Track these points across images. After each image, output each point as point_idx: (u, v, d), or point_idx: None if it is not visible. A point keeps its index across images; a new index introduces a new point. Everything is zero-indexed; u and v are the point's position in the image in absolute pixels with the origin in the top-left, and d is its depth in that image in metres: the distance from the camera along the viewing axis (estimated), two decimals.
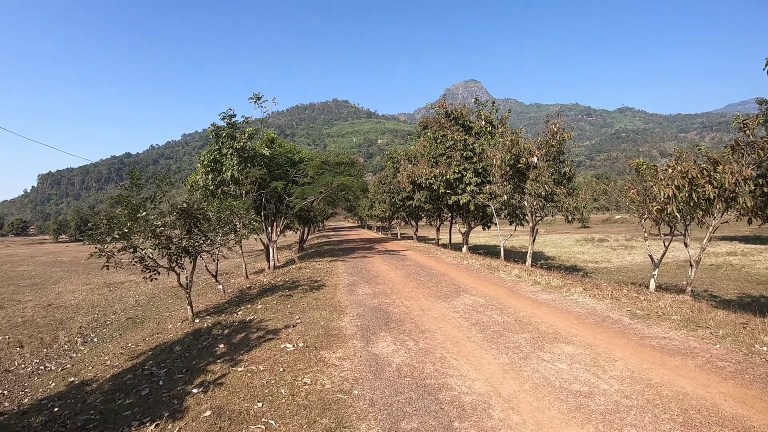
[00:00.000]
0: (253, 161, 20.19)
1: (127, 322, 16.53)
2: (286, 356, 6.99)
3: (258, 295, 13.71)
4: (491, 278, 13.83)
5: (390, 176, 38.04)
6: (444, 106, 25.75)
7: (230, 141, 19.83)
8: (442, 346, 7.02)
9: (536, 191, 17.55)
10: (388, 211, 44.54)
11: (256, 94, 20.77)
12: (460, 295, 11.09)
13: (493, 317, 8.83)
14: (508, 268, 15.73)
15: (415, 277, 14.56)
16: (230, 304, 13.30)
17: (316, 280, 15.18)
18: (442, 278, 14.06)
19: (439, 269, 16.40)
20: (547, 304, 10.06)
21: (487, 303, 10.13)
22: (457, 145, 24.30)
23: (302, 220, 33.15)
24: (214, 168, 20.43)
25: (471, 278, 13.93)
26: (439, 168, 23.79)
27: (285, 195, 20.54)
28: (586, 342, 7.17)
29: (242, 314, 11.10)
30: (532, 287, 12.09)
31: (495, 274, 14.58)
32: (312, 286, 13.75)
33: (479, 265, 17.23)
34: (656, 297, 10.72)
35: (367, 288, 12.85)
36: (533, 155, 18.04)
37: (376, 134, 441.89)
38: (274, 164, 21.50)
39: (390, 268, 17.29)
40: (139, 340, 11.78)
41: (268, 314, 10.40)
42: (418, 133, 36.12)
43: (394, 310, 9.63)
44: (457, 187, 24.03)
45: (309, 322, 9.10)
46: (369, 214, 56.13)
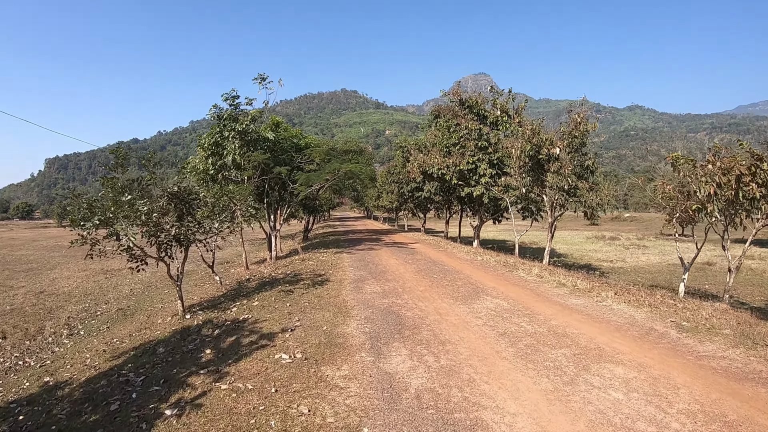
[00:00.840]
0: (255, 145, 19.03)
1: (118, 313, 15.53)
2: (280, 371, 5.85)
3: (256, 289, 12.61)
4: (510, 277, 12.66)
5: (399, 166, 36.81)
6: (458, 93, 24.46)
7: (232, 123, 18.68)
8: (468, 364, 5.86)
9: (558, 185, 16.31)
10: (396, 202, 43.36)
11: (261, 74, 19.56)
12: (480, 297, 9.92)
13: (522, 326, 7.67)
14: (527, 267, 14.55)
15: (427, 274, 13.40)
16: (226, 298, 12.23)
17: (319, 273, 14.04)
18: (457, 276, 12.89)
19: (453, 265, 15.23)
20: (579, 310, 8.89)
21: (511, 307, 8.97)
22: (471, 135, 23.05)
23: (307, 208, 32.00)
24: (215, 152, 19.31)
25: (489, 277, 12.76)
26: (452, 158, 22.57)
27: (289, 181, 19.37)
28: (636, 362, 6.02)
29: (236, 311, 10.00)
30: (558, 289, 10.92)
31: (514, 273, 13.40)
32: (315, 281, 12.62)
33: (495, 261, 16.06)
34: (695, 305, 9.59)
35: (376, 285, 11.69)
36: (555, 146, 16.80)
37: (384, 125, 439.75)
38: (279, 149, 20.33)
39: (399, 263, 16.14)
40: (125, 336, 10.75)
41: (264, 313, 9.28)
42: (429, 122, 34.83)
43: (408, 314, 8.46)
44: (471, 179, 22.81)
45: (310, 325, 7.96)
46: (376, 204, 54.92)
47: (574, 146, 17.29)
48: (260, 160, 16.99)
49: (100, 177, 10.58)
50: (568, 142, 17.13)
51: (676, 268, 27.29)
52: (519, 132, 18.05)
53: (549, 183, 16.48)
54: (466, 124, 23.17)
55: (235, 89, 19.24)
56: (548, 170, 17.20)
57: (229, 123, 18.64)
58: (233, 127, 18.51)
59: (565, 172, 16.21)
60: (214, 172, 19.45)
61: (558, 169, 16.64)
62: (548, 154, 16.70)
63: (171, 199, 10.65)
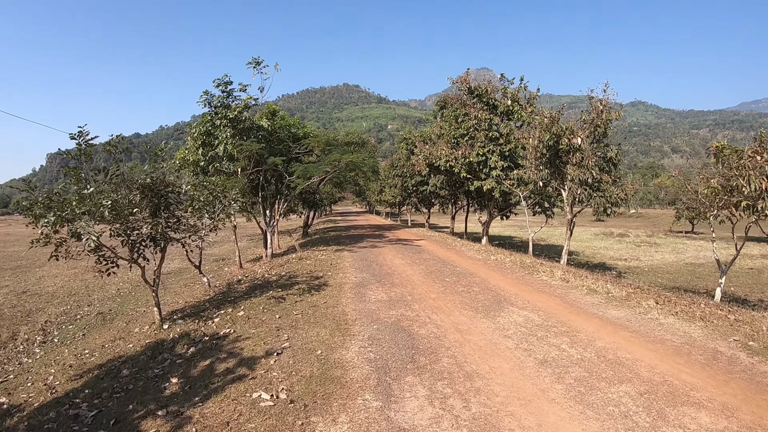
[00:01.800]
0: (249, 134, 17.58)
1: (97, 318, 14.19)
2: (257, 419, 4.39)
3: (245, 294, 11.19)
4: (532, 282, 11.20)
5: (403, 159, 35.28)
6: (467, 81, 22.90)
7: (224, 110, 17.23)
8: (508, 412, 4.38)
9: (580, 178, 14.84)
10: (399, 196, 41.83)
11: (255, 58, 18.08)
12: (504, 308, 8.46)
13: (564, 349, 6.23)
14: (547, 268, 13.11)
15: (438, 277, 11.94)
16: (211, 304, 10.84)
17: (317, 276, 12.59)
18: (472, 280, 11.43)
19: (465, 266, 13.78)
20: (623, 325, 7.46)
21: (544, 322, 7.52)
22: (481, 125, 21.55)
23: (307, 203, 30.57)
24: (206, 142, 17.87)
25: (508, 281, 11.30)
26: (461, 149, 21.07)
27: (285, 174, 17.92)
28: (719, 402, 4.65)
29: (219, 323, 8.58)
30: (590, 297, 9.47)
31: (535, 276, 11.94)
32: (311, 285, 11.16)
33: (510, 262, 14.60)
34: (749, 317, 8.21)
35: (381, 291, 10.21)
36: (576, 136, 15.32)
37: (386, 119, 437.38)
38: (275, 139, 18.87)
39: (406, 263, 14.69)
40: (97, 347, 9.42)
41: (248, 327, 7.83)
42: (434, 113, 33.28)
43: (421, 332, 6.97)
44: (480, 172, 21.33)
45: (300, 347, 6.47)
46: (378, 199, 53.31)
47: (597, 136, 15.83)
48: (253, 149, 15.54)
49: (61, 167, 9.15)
50: (590, 131, 15.66)
51: (694, 268, 25.85)
52: (536, 121, 16.56)
53: (570, 176, 15.00)
54: (475, 114, 21.66)
55: (228, 74, 17.79)
56: (568, 162, 15.74)
57: (221, 110, 17.21)
58: (225, 114, 17.07)
59: (589, 164, 14.73)
60: (205, 163, 18.04)
61: (580, 160, 15.17)
62: (569, 145, 15.22)
63: (144, 191, 9.22)
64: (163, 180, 9.38)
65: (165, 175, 9.85)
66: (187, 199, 9.83)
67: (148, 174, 9.00)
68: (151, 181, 9.13)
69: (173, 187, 9.70)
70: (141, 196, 9.27)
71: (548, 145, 15.67)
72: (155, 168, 9.08)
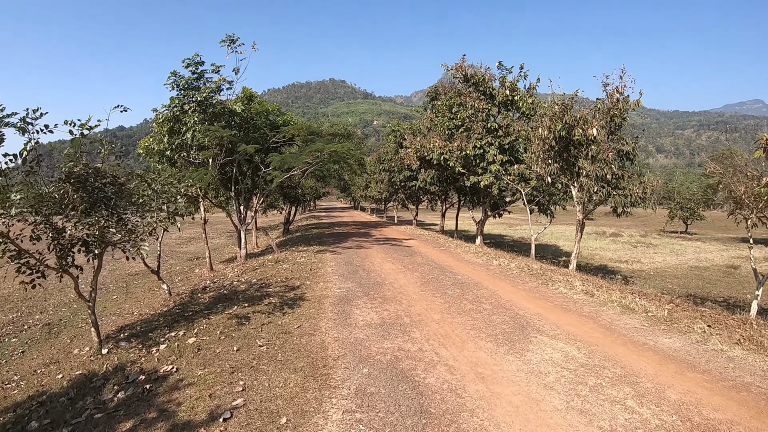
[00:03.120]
0: (221, 120, 15.53)
1: (43, 330, 12.16)
2: None
3: (206, 309, 9.22)
4: (551, 295, 9.38)
5: (391, 153, 33.31)
6: (463, 68, 21.01)
7: (192, 92, 15.17)
8: None
9: (597, 173, 13.10)
10: (385, 192, 39.88)
11: (230, 36, 16.05)
12: (530, 336, 6.60)
13: (631, 407, 4.41)
14: (560, 276, 11.35)
15: (437, 288, 10.06)
16: (165, 320, 8.90)
17: (292, 285, 10.59)
18: (479, 292, 9.57)
19: (466, 273, 11.92)
20: (687, 362, 5.70)
21: (588, 360, 5.69)
22: (478, 115, 19.73)
23: (288, 198, 28.49)
24: (174, 128, 15.78)
25: (521, 294, 9.46)
26: (455, 142, 19.21)
27: (261, 165, 15.89)
28: None
29: (163, 352, 6.62)
30: (628, 318, 7.69)
31: (551, 288, 10.12)
32: (284, 300, 9.16)
33: (516, 268, 12.79)
34: None
35: (370, 309, 8.24)
36: (592, 126, 13.58)
37: (372, 115, 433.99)
38: (251, 126, 16.80)
39: (397, 268, 12.80)
40: (26, 374, 7.62)
41: (195, 366, 5.83)
42: (424, 104, 31.41)
43: (429, 380, 5.02)
44: (477, 166, 19.52)
45: (259, 408, 4.42)
46: (363, 194, 51.21)
47: (612, 128, 14.13)
48: (222, 135, 13.50)
49: None
50: (605, 122, 13.94)
51: (700, 272, 24.39)
52: (543, 110, 14.78)
53: (585, 171, 13.24)
54: (472, 104, 19.82)
55: (199, 54, 15.72)
56: (580, 156, 14.01)
57: (189, 93, 15.14)
58: (192, 96, 15.01)
59: (608, 158, 13.00)
60: (171, 152, 15.96)
61: (595, 154, 13.44)
62: (584, 136, 13.46)
63: (74, 183, 7.22)
64: (96, 169, 7.37)
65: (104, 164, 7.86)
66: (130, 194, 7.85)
67: (74, 159, 6.97)
68: (81, 170, 7.13)
69: (112, 178, 7.70)
70: (72, 189, 7.28)
71: (559, 137, 13.90)
72: (79, 152, 7.03)
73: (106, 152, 7.91)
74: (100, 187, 7.49)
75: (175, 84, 15.51)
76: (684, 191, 49.02)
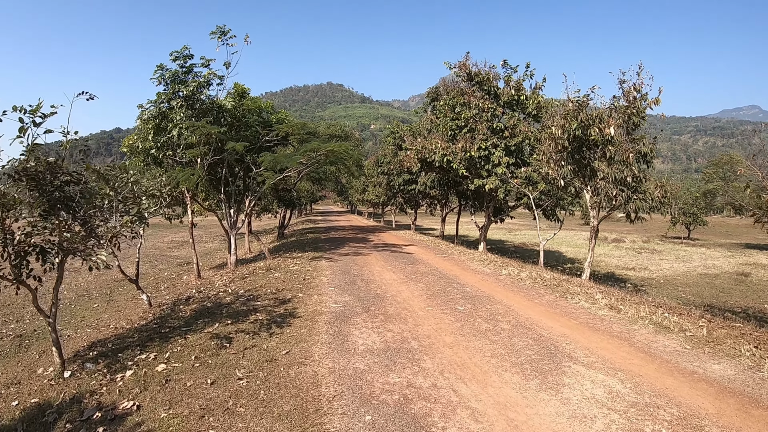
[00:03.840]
0: (209, 116, 14.49)
1: (14, 343, 11.13)
2: None
3: (185, 325, 8.18)
4: (573, 311, 8.36)
5: (389, 155, 32.26)
6: (467, 66, 20.06)
7: (178, 86, 14.15)
8: None
9: (617, 176, 12.13)
10: (383, 195, 38.76)
11: (221, 27, 15.06)
12: (563, 365, 5.55)
13: None
14: (577, 288, 10.36)
15: (445, 302, 9.03)
16: (140, 337, 7.87)
17: (283, 299, 9.52)
18: (493, 308, 8.52)
19: (475, 284, 10.89)
20: (750, 396, 4.71)
21: (638, 398, 4.66)
22: (482, 115, 18.76)
23: (283, 201, 27.43)
24: (159, 126, 14.73)
25: (540, 310, 8.43)
26: (459, 143, 18.22)
27: (252, 165, 14.85)
28: None
29: (128, 382, 5.57)
30: (665, 338, 6.68)
31: (571, 302, 9.10)
32: (273, 316, 8.08)
33: (528, 278, 11.78)
34: None
35: (371, 330, 7.11)
36: (609, 125, 12.62)
37: (369, 119, 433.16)
38: (242, 124, 15.76)
39: (399, 278, 11.77)
40: None
41: (159, 403, 4.76)
42: (425, 105, 30.49)
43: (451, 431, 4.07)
44: (481, 169, 18.53)
45: None
46: (361, 198, 50.03)
47: (629, 127, 13.19)
48: (209, 132, 12.47)
49: None
50: (623, 120, 12.99)
51: (711, 279, 23.43)
52: (557, 106, 13.84)
53: (603, 173, 12.26)
54: (476, 103, 18.86)
55: (188, 47, 14.71)
56: (597, 157, 13.05)
57: (175, 86, 14.12)
58: (179, 91, 14.01)
59: (629, 159, 12.03)
60: (156, 151, 14.90)
61: (613, 155, 12.48)
62: (600, 135, 12.49)
63: (29, 182, 6.20)
64: (53, 165, 6.34)
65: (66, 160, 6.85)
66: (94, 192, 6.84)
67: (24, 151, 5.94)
68: (34, 165, 6.10)
69: (74, 176, 6.68)
70: (29, 188, 6.26)
71: (573, 136, 12.94)
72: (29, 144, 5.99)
73: (68, 146, 6.90)
74: (58, 186, 6.46)
75: (161, 78, 14.50)
76: (686, 196, 48.28)
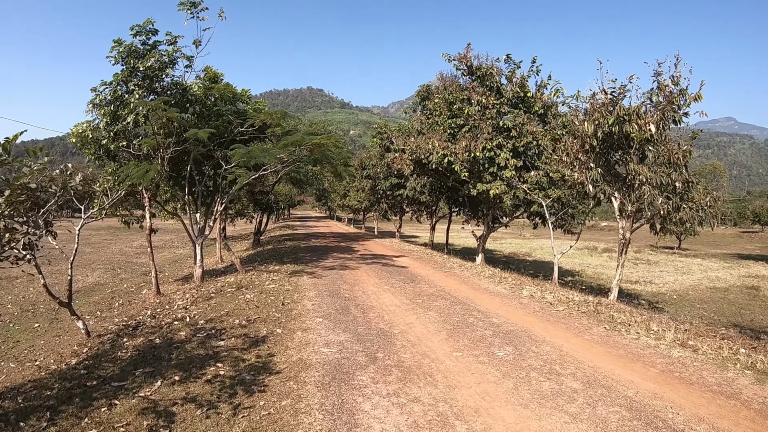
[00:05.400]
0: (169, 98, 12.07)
1: None
2: None
3: (117, 377, 5.80)
4: (642, 353, 6.19)
5: (375, 157, 29.93)
6: (467, 59, 18.01)
7: (135, 62, 11.75)
8: None
9: (662, 180, 10.13)
10: (366, 201, 36.32)
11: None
12: None
13: None
14: (624, 316, 8.29)
15: (475, 342, 6.76)
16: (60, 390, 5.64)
17: (256, 337, 7.08)
18: (541, 351, 6.28)
19: (500, 312, 8.67)
20: None
21: None
22: (486, 113, 16.70)
23: (259, 205, 24.92)
24: (113, 113, 12.26)
25: (605, 354, 6.23)
26: (462, 142, 16.08)
27: (222, 161, 12.43)
28: None
29: None
30: None
31: (629, 337, 6.96)
32: (240, 370, 5.55)
33: (557, 301, 9.66)
34: None
35: (387, 401, 4.65)
36: (649, 121, 10.65)
37: (349, 125, 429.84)
38: (213, 113, 13.36)
39: (402, 303, 9.51)
40: None
41: None
42: (414, 105, 28.31)
43: None
44: (485, 172, 16.44)
45: None
46: (341, 204, 47.34)
47: (665, 125, 11.24)
48: (169, 117, 10.09)
49: None
50: (659, 116, 11.02)
51: (723, 294, 21.74)
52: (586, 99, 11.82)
53: (644, 177, 10.22)
54: (478, 99, 16.77)
55: (152, 20, 12.30)
56: (631, 158, 11.06)
57: (131, 61, 11.72)
58: (134, 66, 11.62)
59: (680, 161, 10.06)
60: (108, 141, 12.42)
61: (656, 155, 10.51)
62: (640, 133, 10.48)
63: None
64: None
65: None
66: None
67: None
68: None
69: None
70: None
71: (606, 134, 10.92)
72: None
73: None
74: None
75: (119, 56, 12.06)
76: None
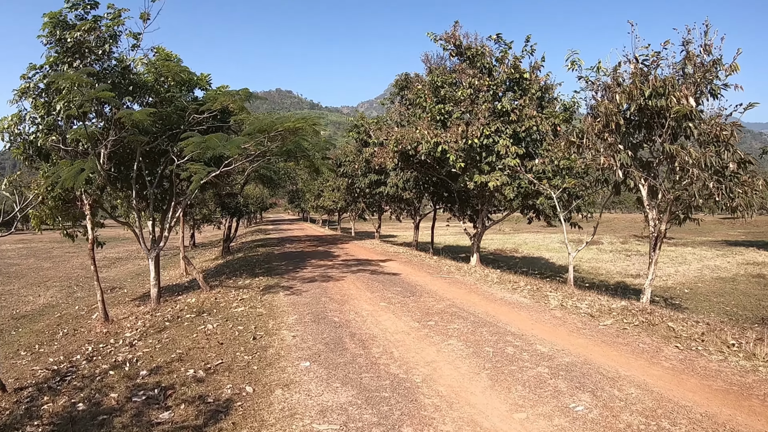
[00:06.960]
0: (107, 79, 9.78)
1: None
2: None
3: None
4: (753, 388, 4.40)
5: (352, 153, 27.76)
6: (456, 38, 16.09)
7: (62, 33, 9.44)
8: None
9: (713, 162, 8.39)
10: (342, 200, 34.09)
11: None
12: None
13: None
14: (682, 328, 6.54)
15: (534, 390, 4.79)
16: None
17: (216, 401, 4.84)
18: (628, 397, 4.42)
19: (537, 333, 6.75)
20: None
21: None
22: (480, 96, 14.85)
23: (227, 209, 22.57)
24: (50, 103, 9.85)
25: (712, 397, 4.37)
26: (459, 128, 14.16)
27: (176, 157, 10.16)
28: None
29: None
30: None
31: (714, 359, 5.13)
32: None
33: (594, 311, 7.85)
34: None
35: None
36: (687, 95, 8.93)
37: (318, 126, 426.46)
38: (166, 99, 11.05)
39: (412, 329, 7.48)
40: None
41: None
42: (391, 96, 26.25)
43: None
44: (482, 162, 14.59)
45: None
46: (315, 205, 44.77)
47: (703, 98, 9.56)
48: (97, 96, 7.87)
49: None
50: (695, 89, 9.32)
51: (733, 285, 20.51)
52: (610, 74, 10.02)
53: (692, 160, 8.46)
54: (470, 81, 14.89)
55: None
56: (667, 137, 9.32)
57: (56, 32, 9.42)
58: (62, 39, 9.35)
59: (729, 138, 8.34)
60: (41, 137, 10.06)
61: (700, 132, 8.79)
62: (681, 106, 8.73)
63: None
64: None
65: None
66: None
67: None
68: None
69: None
70: None
71: (640, 108, 9.15)
72: None
73: None
74: None
75: (51, 35, 9.71)
76: None
